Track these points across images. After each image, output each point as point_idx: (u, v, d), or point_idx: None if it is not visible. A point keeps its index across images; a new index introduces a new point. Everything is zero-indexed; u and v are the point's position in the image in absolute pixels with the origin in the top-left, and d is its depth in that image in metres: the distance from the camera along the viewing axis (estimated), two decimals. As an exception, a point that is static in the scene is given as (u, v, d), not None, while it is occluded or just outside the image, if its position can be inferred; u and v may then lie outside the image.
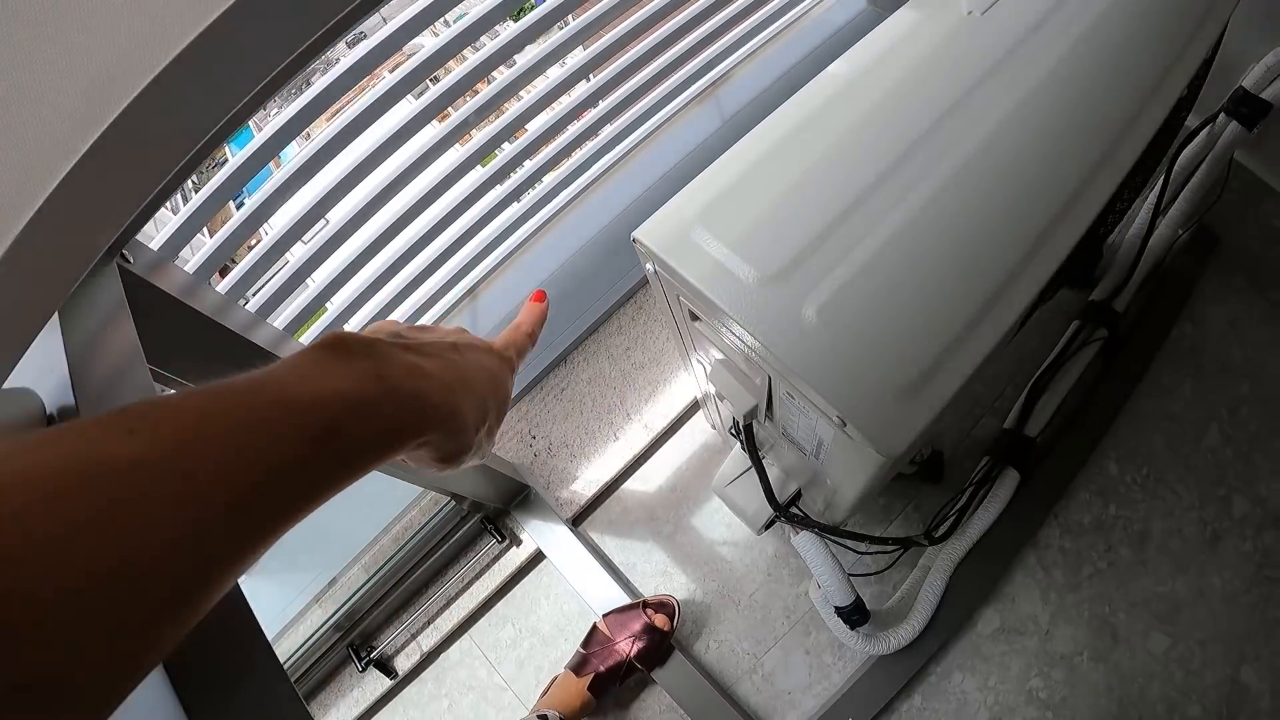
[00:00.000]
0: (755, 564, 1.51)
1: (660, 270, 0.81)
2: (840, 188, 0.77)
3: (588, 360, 1.72)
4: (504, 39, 1.38)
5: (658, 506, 1.61)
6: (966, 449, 1.50)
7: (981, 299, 0.71)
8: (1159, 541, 1.39)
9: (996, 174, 0.76)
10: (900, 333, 0.70)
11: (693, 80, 1.80)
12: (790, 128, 0.84)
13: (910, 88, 0.83)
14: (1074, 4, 0.84)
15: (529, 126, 1.60)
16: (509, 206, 1.67)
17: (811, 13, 1.93)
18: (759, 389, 0.84)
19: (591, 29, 1.50)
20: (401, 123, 1.32)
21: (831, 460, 0.84)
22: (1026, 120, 0.78)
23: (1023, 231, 0.73)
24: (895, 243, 0.73)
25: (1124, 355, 1.47)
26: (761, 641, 1.47)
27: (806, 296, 0.72)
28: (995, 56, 0.82)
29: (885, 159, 0.78)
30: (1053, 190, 0.75)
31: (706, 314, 0.81)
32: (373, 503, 1.66)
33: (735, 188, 0.81)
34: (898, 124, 0.81)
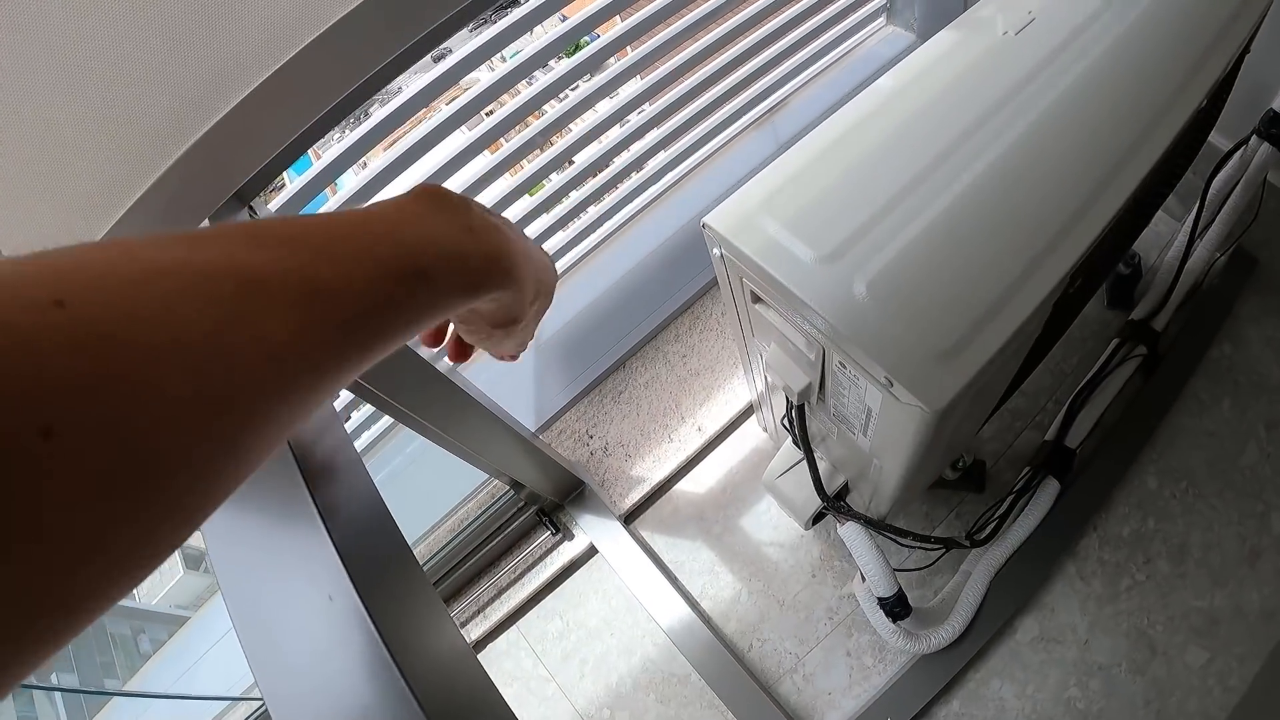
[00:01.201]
0: (800, 565, 1.57)
1: (726, 253, 0.90)
2: (887, 179, 0.86)
3: (645, 365, 1.80)
4: (557, 73, 1.48)
5: (707, 507, 1.67)
6: (1008, 460, 1.55)
7: (1011, 278, 0.78)
8: (1198, 556, 1.42)
9: (1027, 169, 0.85)
10: (940, 304, 0.78)
11: (749, 107, 1.89)
12: (843, 130, 0.93)
13: (951, 95, 0.92)
14: (1099, 25, 0.94)
15: (579, 157, 1.70)
16: (555, 234, 1.78)
17: (863, 46, 2.03)
18: (813, 366, 0.91)
19: (646, 61, 1.60)
20: (454, 153, 1.42)
21: (880, 431, 0.90)
22: (1055, 123, 0.87)
23: (1049, 220, 0.82)
24: (935, 227, 0.82)
25: (1163, 372, 1.52)
26: (804, 641, 1.52)
27: (857, 272, 0.80)
28: (1028, 68, 0.92)
29: (927, 156, 0.87)
30: (1078, 184, 0.83)
31: (768, 292, 0.88)
32: (433, 491, 1.73)
33: (794, 180, 0.90)
34: (939, 126, 0.90)
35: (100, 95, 0.53)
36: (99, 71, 0.52)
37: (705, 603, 1.59)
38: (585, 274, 1.91)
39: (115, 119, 0.54)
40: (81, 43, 0.50)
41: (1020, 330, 0.77)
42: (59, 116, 0.51)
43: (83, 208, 0.55)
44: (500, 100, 1.48)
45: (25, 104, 0.50)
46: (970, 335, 0.76)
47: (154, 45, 0.53)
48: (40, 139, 0.52)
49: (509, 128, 1.50)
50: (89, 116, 0.53)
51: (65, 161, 0.53)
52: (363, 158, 1.35)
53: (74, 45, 0.50)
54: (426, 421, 1.15)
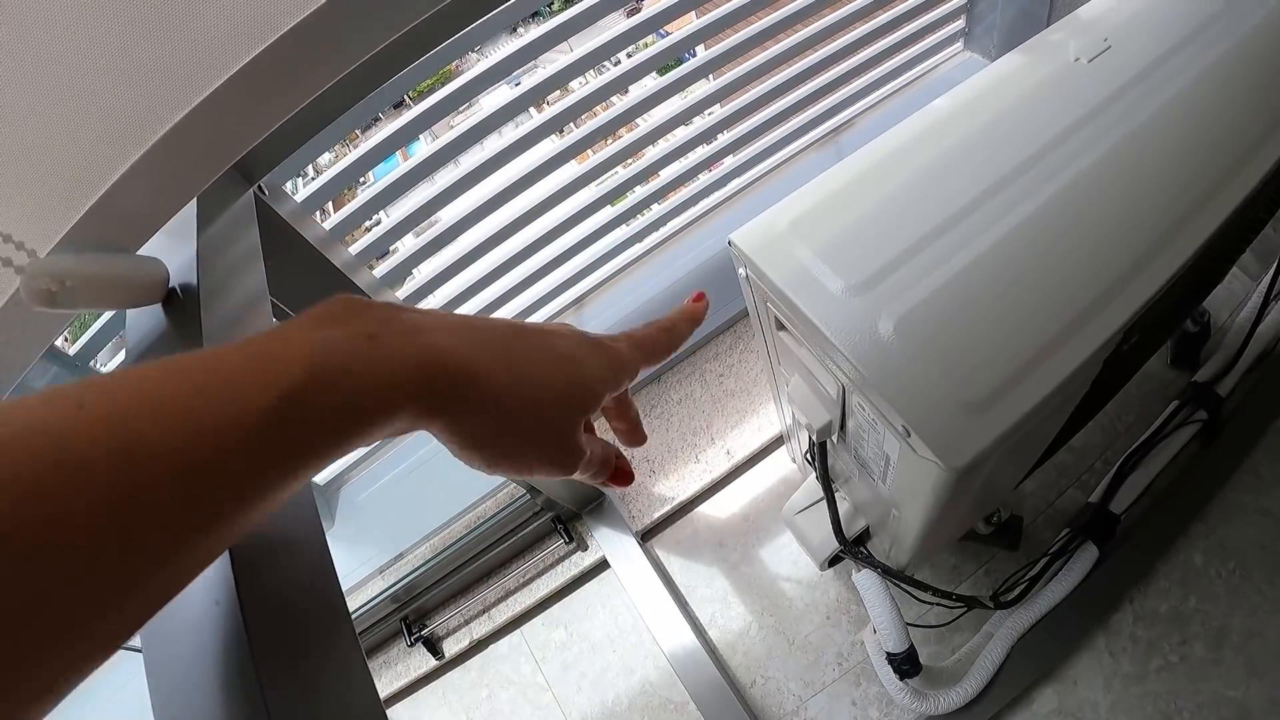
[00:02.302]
0: (815, 605, 1.50)
1: (751, 274, 0.84)
2: (930, 209, 0.80)
3: (680, 381, 1.75)
4: (625, 66, 1.45)
5: (728, 534, 1.61)
6: (1048, 518, 1.46)
7: (1054, 332, 0.71)
8: (1237, 642, 1.32)
9: (1085, 210, 0.77)
10: (972, 353, 0.71)
11: (816, 123, 1.83)
12: (888, 152, 0.87)
13: (1009, 123, 0.85)
14: (1181, 57, 0.86)
15: (646, 152, 1.66)
16: (619, 227, 1.73)
17: (938, 70, 1.95)
18: (835, 404, 0.86)
19: (716, 62, 1.55)
20: (523, 134, 1.39)
21: (898, 482, 0.84)
22: (1120, 165, 0.80)
23: (1105, 269, 0.74)
24: (975, 267, 0.75)
25: (1223, 441, 1.41)
26: (809, 684, 1.45)
27: (885, 308, 0.74)
28: (1097, 100, 0.85)
29: (976, 187, 0.81)
30: (1141, 232, 0.76)
31: (790, 319, 0.83)
32: (450, 488, 1.71)
33: (828, 202, 0.84)
34: (993, 155, 0.83)
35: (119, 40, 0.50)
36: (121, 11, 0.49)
37: (713, 632, 1.53)
38: (630, 281, 1.87)
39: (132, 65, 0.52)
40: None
41: (1060, 389, 0.70)
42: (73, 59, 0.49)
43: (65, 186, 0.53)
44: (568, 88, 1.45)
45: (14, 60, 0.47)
46: (1003, 389, 0.69)
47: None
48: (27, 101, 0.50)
49: (574, 116, 1.46)
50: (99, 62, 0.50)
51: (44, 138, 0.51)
52: (433, 125, 1.33)
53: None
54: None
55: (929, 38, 1.87)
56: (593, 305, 1.86)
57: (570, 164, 1.54)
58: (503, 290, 1.64)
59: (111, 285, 0.55)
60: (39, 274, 0.51)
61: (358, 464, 1.82)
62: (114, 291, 0.56)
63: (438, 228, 1.45)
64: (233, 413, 0.26)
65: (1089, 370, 0.74)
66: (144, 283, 0.57)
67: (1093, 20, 0.95)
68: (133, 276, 0.57)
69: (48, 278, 0.50)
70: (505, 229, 1.52)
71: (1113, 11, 0.95)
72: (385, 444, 1.82)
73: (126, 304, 0.58)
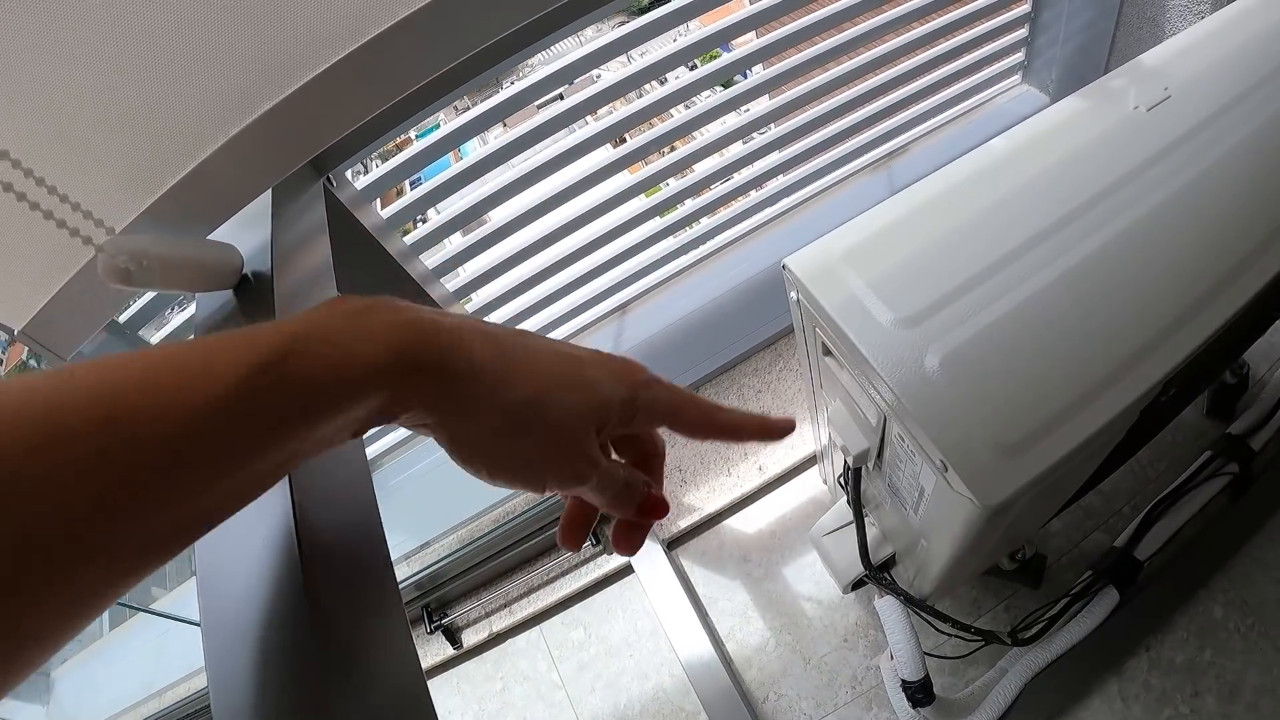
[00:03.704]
0: (834, 627, 1.52)
1: (803, 298, 0.87)
2: (982, 249, 0.82)
3: (719, 394, 1.77)
4: (686, 80, 1.48)
5: (753, 549, 1.63)
6: (1071, 559, 1.47)
7: (1097, 379, 0.73)
8: (1249, 699, 1.32)
9: (1135, 259, 0.79)
10: (1013, 394, 0.73)
11: (869, 148, 1.85)
12: (944, 189, 0.89)
13: (1066, 168, 0.87)
14: (1241, 110, 0.88)
15: (697, 167, 1.68)
16: (666, 238, 1.76)
17: (994, 101, 1.96)
18: (874, 432, 0.88)
19: (775, 81, 1.57)
20: (577, 141, 1.42)
21: (929, 514, 0.86)
22: (1171, 218, 0.81)
23: (1149, 322, 0.76)
24: (1022, 310, 0.77)
25: (1252, 496, 1.42)
26: (821, 705, 1.47)
27: (933, 344, 0.76)
28: (1155, 150, 0.86)
29: (1029, 229, 0.82)
30: (1189, 285, 0.77)
31: (838, 346, 0.85)
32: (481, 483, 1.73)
33: (884, 234, 0.86)
34: (1047, 199, 0.85)
35: (199, 38, 0.53)
36: (203, 14, 0.52)
37: (730, 644, 1.55)
38: (675, 291, 1.90)
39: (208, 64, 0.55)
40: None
41: (1096, 436, 0.72)
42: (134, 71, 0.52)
43: (145, 166, 0.56)
44: (628, 98, 1.48)
45: (100, 59, 0.50)
46: (1041, 432, 0.71)
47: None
48: (112, 93, 0.52)
49: (633, 125, 1.49)
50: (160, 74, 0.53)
51: (132, 118, 0.54)
52: (487, 131, 1.37)
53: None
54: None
55: (987, 69, 1.89)
56: (636, 313, 1.89)
57: (623, 173, 1.57)
58: (547, 292, 1.67)
59: (187, 268, 0.58)
60: (118, 251, 0.53)
61: (392, 450, 1.86)
62: (189, 274, 0.58)
63: (487, 228, 1.49)
64: (207, 382, 0.28)
65: (1126, 420, 0.76)
66: (219, 268, 0.60)
67: (1154, 69, 0.97)
68: (208, 261, 0.60)
69: (126, 255, 0.53)
70: (553, 233, 1.56)
71: (1175, 60, 0.97)
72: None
73: (200, 287, 0.61)
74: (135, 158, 0.56)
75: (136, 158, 0.56)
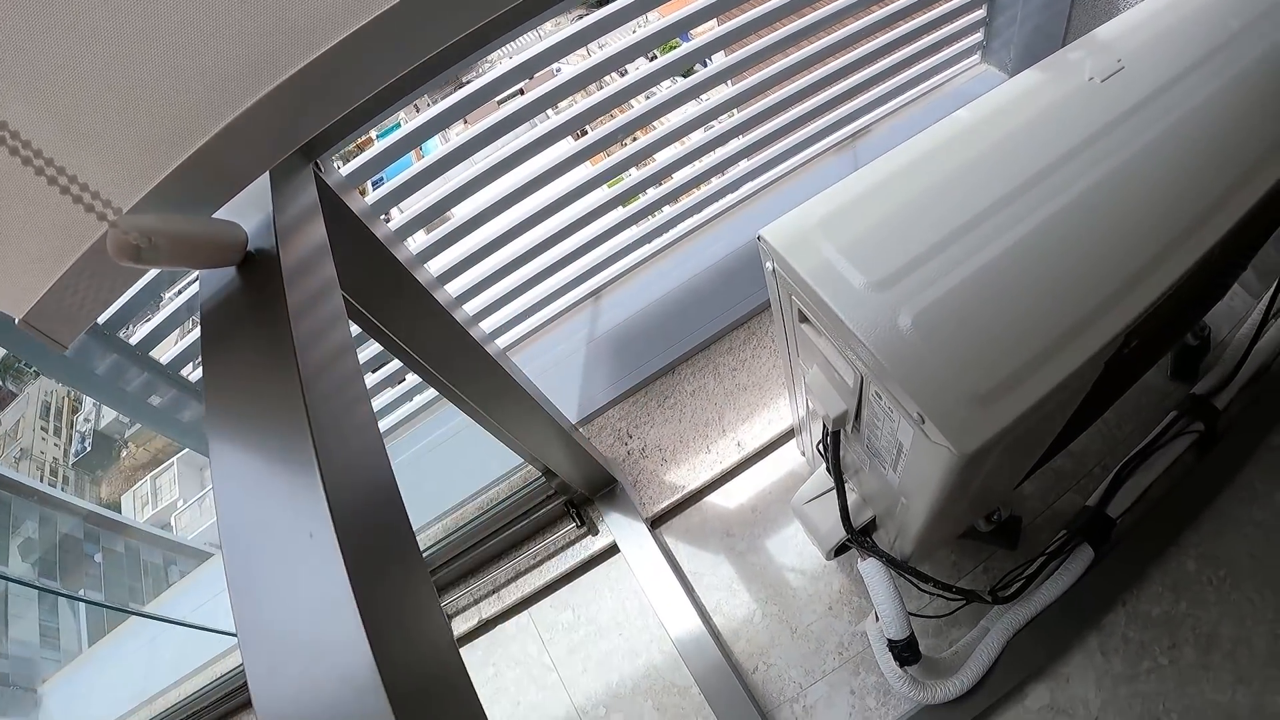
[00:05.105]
0: (818, 595, 1.55)
1: (778, 267, 0.89)
2: (948, 214, 0.85)
3: (694, 374, 1.80)
4: (645, 70, 1.51)
5: (735, 523, 1.66)
6: (1046, 520, 1.51)
7: (1062, 331, 0.77)
8: (1226, 649, 1.37)
9: (1092, 221, 0.83)
10: (983, 348, 0.76)
11: (834, 129, 1.89)
12: (910, 159, 0.93)
13: (1025, 136, 0.91)
14: (1189, 81, 0.91)
15: (658, 156, 1.71)
16: (630, 227, 1.80)
17: (954, 81, 2.01)
18: (851, 394, 0.90)
19: (738, 68, 1.60)
20: (539, 134, 1.45)
21: (909, 470, 0.89)
22: (1128, 178, 0.85)
23: (1108, 277, 0.79)
24: (991, 268, 0.80)
25: (1218, 454, 1.46)
26: (810, 672, 1.50)
27: (905, 304, 0.79)
28: (1109, 118, 0.90)
29: (992, 195, 0.86)
30: (1143, 243, 0.81)
31: (814, 312, 0.88)
32: (468, 468, 1.75)
33: (855, 203, 0.89)
34: (1008, 166, 0.88)
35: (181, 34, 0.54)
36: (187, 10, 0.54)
37: (718, 618, 1.58)
38: (647, 275, 1.93)
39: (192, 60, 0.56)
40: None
41: (1063, 385, 0.75)
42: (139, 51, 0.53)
43: (151, 147, 0.57)
44: (588, 91, 1.50)
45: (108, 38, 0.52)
46: (1011, 382, 0.74)
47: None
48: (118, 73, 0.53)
49: (595, 117, 1.51)
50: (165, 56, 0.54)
51: (134, 100, 0.55)
52: (448, 129, 1.38)
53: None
54: (470, 399, 1.17)
55: (947, 49, 1.93)
56: (610, 298, 1.92)
57: (585, 165, 1.60)
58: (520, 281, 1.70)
59: (196, 245, 0.59)
60: (129, 228, 0.54)
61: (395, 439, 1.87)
62: (197, 251, 0.60)
63: (450, 224, 1.51)
64: None
65: (1091, 371, 0.79)
66: (225, 245, 0.62)
67: (1108, 42, 1.00)
68: (215, 238, 0.61)
69: (136, 233, 0.54)
70: (519, 225, 1.58)
71: (1128, 34, 1.00)
72: (402, 422, 1.87)
73: (206, 264, 0.63)
74: (142, 136, 0.57)
75: (143, 136, 0.57)
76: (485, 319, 1.75)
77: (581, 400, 1.81)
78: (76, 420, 12.41)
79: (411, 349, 1.00)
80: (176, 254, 0.57)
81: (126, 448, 12.03)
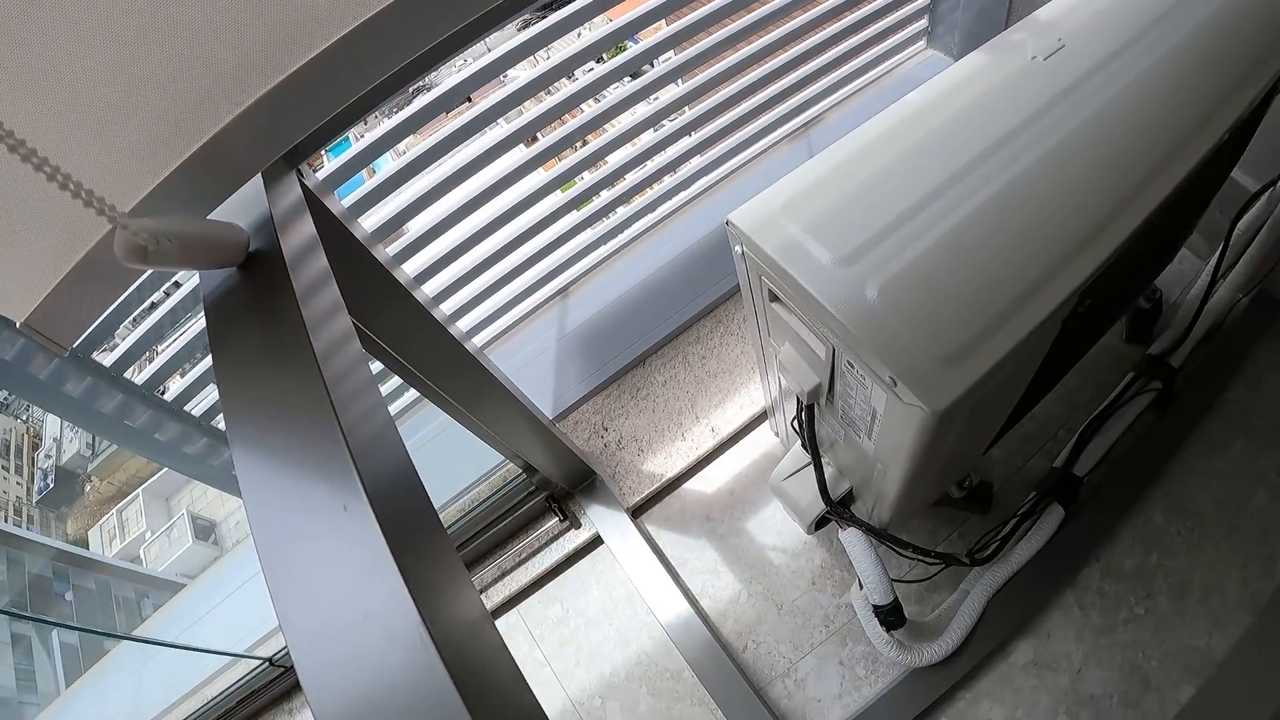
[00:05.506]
0: (801, 571, 1.58)
1: (748, 250, 0.93)
2: (907, 190, 0.89)
3: (665, 364, 1.83)
4: (598, 74, 1.54)
5: (714, 507, 1.69)
6: (1017, 483, 1.56)
7: (1019, 292, 0.81)
8: (1199, 595, 1.42)
9: (1043, 190, 0.87)
10: (948, 311, 0.80)
11: (786, 119, 1.94)
12: (868, 140, 0.97)
13: (975, 114, 0.95)
14: (1127, 56, 0.96)
15: (611, 158, 1.74)
16: (585, 230, 1.85)
17: (902, 67, 2.07)
18: (824, 366, 0.94)
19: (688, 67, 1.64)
20: (489, 145, 1.48)
21: (883, 434, 0.92)
22: (1073, 148, 0.90)
23: (1060, 240, 0.84)
24: (950, 238, 0.84)
25: (1177, 410, 1.52)
26: (799, 647, 1.53)
27: (871, 276, 0.83)
28: (1053, 94, 0.94)
29: (947, 170, 0.90)
30: (1091, 208, 0.85)
31: (785, 290, 0.91)
32: (449, 469, 1.77)
33: (817, 184, 0.93)
34: (961, 143, 0.92)
35: (174, 43, 0.56)
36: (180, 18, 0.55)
37: (704, 601, 1.61)
38: (612, 270, 1.96)
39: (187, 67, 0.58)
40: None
41: (1024, 343, 0.79)
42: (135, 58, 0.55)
43: (144, 152, 0.59)
44: (539, 98, 1.52)
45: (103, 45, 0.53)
46: (975, 343, 0.78)
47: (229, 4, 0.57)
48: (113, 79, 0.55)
49: (545, 124, 1.54)
50: (160, 63, 0.56)
51: (132, 104, 0.57)
52: (400, 144, 1.40)
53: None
54: (450, 397, 1.19)
55: (893, 37, 1.98)
56: (576, 296, 1.95)
57: (538, 172, 1.64)
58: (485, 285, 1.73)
59: (202, 245, 0.61)
60: (138, 229, 0.55)
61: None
62: (203, 252, 0.62)
63: (406, 238, 1.53)
64: None
65: (1049, 330, 0.83)
66: (229, 245, 0.64)
67: (1049, 22, 1.05)
68: (221, 238, 0.63)
69: (146, 234, 0.55)
70: (478, 233, 1.61)
71: (1067, 14, 1.05)
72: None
73: (210, 265, 0.64)
74: (139, 137, 0.59)
75: (140, 137, 0.59)
76: (455, 322, 1.77)
77: (556, 397, 1.83)
78: (38, 457, 12.22)
79: (395, 349, 1.02)
80: (184, 255, 0.58)
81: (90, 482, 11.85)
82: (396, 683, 0.41)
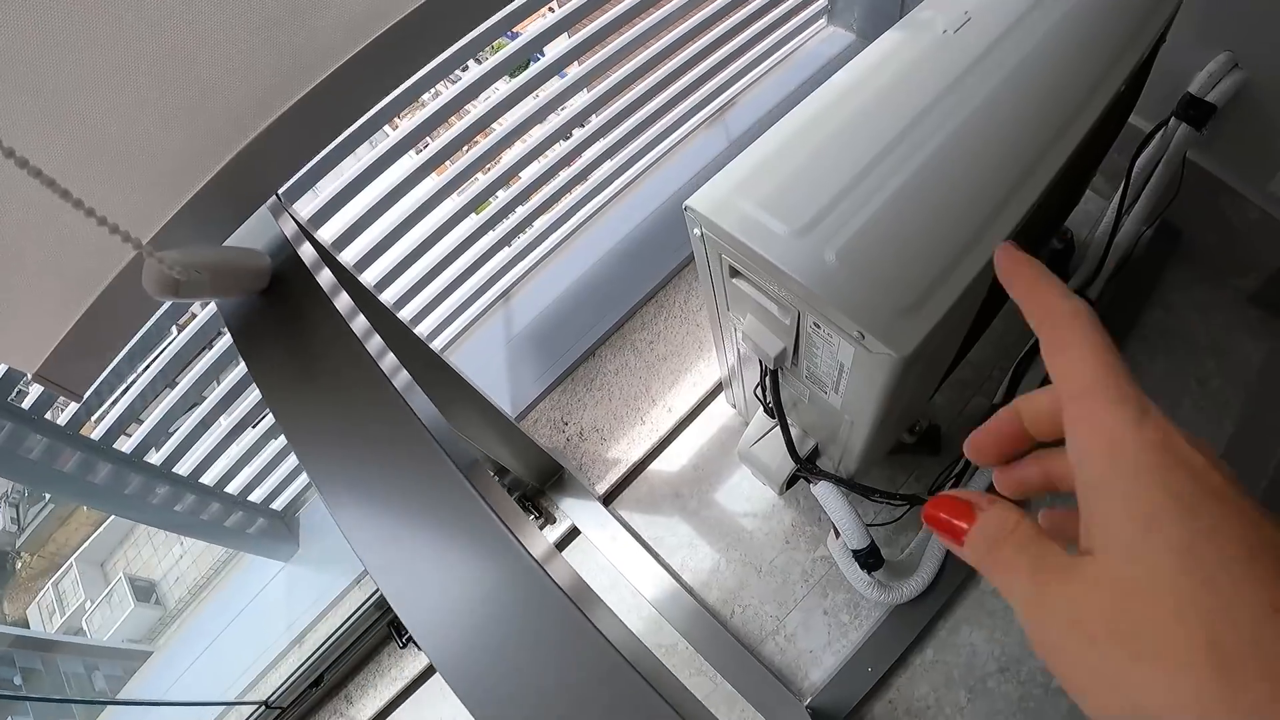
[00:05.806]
0: (774, 533, 1.67)
1: (707, 231, 1.00)
2: (848, 162, 0.97)
3: (614, 354, 1.90)
4: (504, 93, 1.59)
5: (682, 484, 1.77)
6: (961, 423, 1.66)
7: (959, 245, 0.90)
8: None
9: (969, 150, 0.96)
10: (900, 268, 0.89)
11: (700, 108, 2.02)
12: (804, 120, 1.05)
13: (900, 88, 1.04)
14: (1029, 21, 1.07)
15: (524, 174, 1.80)
16: (507, 245, 1.92)
17: (806, 45, 2.17)
18: (788, 331, 1.02)
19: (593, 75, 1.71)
20: (402, 177, 1.54)
21: (851, 386, 1.01)
22: (992, 110, 0.99)
23: (989, 194, 0.93)
24: (892, 202, 0.93)
25: (1099, 337, 1.64)
26: (783, 604, 1.61)
27: (827, 243, 0.91)
28: (967, 62, 1.04)
29: (882, 141, 0.98)
30: (1013, 163, 0.95)
31: (746, 265, 0.98)
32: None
33: (764, 165, 1.00)
34: (890, 115, 1.01)
35: (186, 78, 0.60)
36: (192, 55, 0.59)
37: (686, 575, 1.68)
38: (550, 270, 2.02)
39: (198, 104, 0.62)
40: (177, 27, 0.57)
41: (971, 288, 0.88)
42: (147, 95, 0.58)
43: (161, 183, 0.62)
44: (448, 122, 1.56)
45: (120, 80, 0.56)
46: (928, 293, 0.87)
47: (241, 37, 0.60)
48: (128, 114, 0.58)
49: (456, 149, 1.60)
50: (173, 98, 0.60)
51: (149, 139, 0.60)
52: (314, 186, 1.43)
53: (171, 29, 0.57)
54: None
55: (794, 18, 2.07)
56: (519, 297, 2.01)
57: (452, 197, 1.69)
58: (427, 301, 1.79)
59: (231, 274, 0.65)
60: (173, 263, 0.57)
61: (311, 485, 1.90)
62: (232, 280, 0.65)
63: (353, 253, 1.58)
64: None
65: (987, 275, 0.92)
66: (255, 271, 0.68)
67: (954, -3, 1.15)
68: (248, 266, 0.67)
69: (181, 267, 0.57)
70: (402, 262, 1.68)
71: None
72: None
73: (237, 292, 0.68)
74: (159, 169, 0.61)
75: (160, 169, 0.61)
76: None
77: (513, 397, 1.88)
78: (-39, 539, 11.68)
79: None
80: (217, 285, 0.61)
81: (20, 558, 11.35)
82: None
